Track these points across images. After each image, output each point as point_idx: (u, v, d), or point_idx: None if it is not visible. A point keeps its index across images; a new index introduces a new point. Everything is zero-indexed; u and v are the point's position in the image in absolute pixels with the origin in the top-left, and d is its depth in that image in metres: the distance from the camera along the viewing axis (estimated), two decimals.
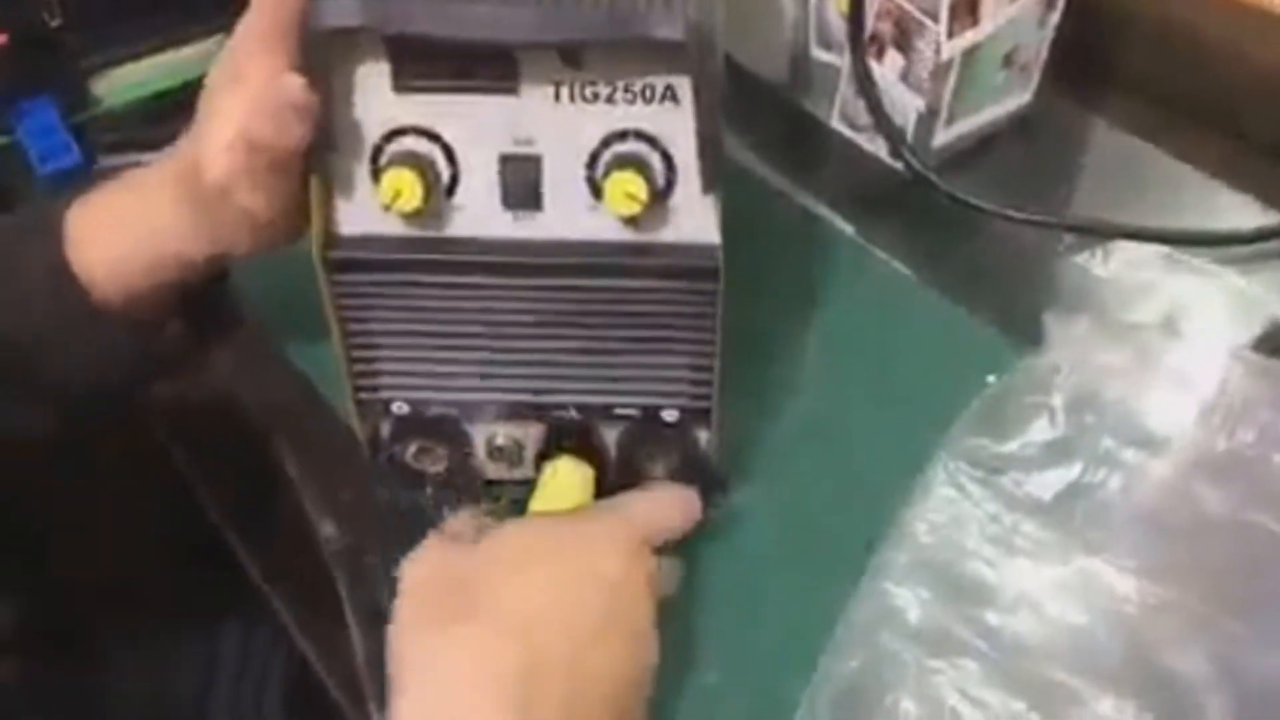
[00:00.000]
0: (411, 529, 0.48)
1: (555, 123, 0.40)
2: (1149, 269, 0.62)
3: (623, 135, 0.40)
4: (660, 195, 0.41)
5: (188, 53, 0.74)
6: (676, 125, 0.40)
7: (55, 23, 0.71)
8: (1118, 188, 0.67)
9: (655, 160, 0.40)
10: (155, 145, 0.61)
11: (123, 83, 0.73)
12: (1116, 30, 0.73)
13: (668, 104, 0.39)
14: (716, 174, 0.40)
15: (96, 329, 0.46)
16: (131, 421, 0.61)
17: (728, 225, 0.42)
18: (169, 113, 0.69)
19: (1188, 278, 0.61)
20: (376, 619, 0.45)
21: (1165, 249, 0.62)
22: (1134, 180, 0.68)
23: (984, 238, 0.64)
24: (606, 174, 0.40)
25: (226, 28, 0.65)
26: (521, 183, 0.41)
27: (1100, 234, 0.63)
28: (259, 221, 0.44)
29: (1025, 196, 0.64)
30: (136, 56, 0.73)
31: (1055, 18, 0.67)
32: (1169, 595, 0.46)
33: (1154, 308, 0.60)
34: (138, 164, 0.50)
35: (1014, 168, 0.68)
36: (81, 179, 0.68)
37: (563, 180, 0.41)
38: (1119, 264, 0.62)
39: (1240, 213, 0.65)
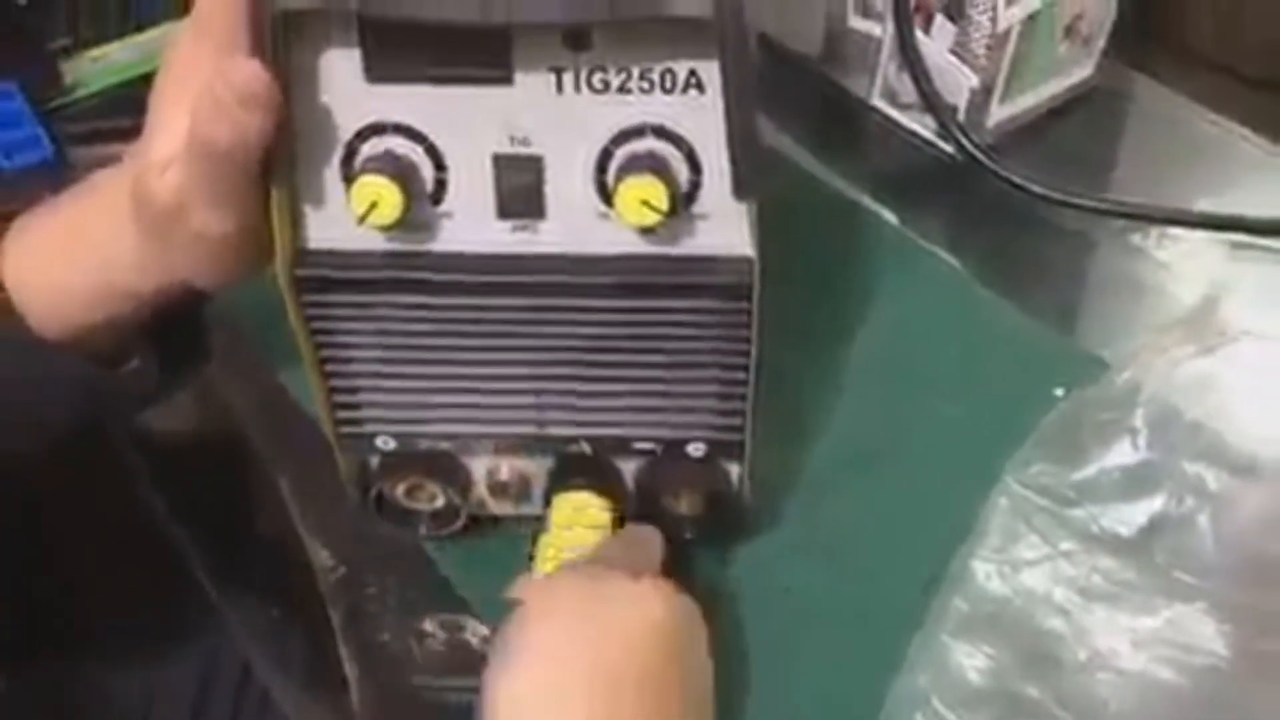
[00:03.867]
0: (409, 559, 0.48)
1: (558, 117, 0.37)
2: (1233, 262, 0.60)
3: (638, 132, 0.36)
4: (683, 202, 0.37)
5: (168, 31, 0.72)
6: (702, 119, 0.36)
7: (23, 1, 0.68)
8: (1192, 171, 0.65)
9: (677, 161, 0.37)
10: (134, 136, 0.60)
11: (97, 67, 0.71)
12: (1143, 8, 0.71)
13: (691, 94, 0.36)
14: (752, 178, 0.36)
15: (37, 364, 0.42)
16: (107, 439, 0.60)
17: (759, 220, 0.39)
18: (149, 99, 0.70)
19: (1264, 272, 0.59)
20: (370, 651, 0.46)
21: (1250, 238, 0.60)
22: (1211, 162, 0.65)
23: (1044, 228, 0.61)
24: (619, 178, 0.36)
25: None
26: (519, 188, 0.38)
27: (1175, 223, 0.61)
28: (219, 246, 0.39)
29: (1089, 181, 0.62)
30: (111, 38, 0.71)
31: None
32: (1272, 649, 0.43)
33: (1241, 309, 0.56)
34: (117, 158, 0.46)
35: (1076, 149, 0.66)
36: (53, 174, 0.66)
37: (568, 185, 0.38)
38: (1197, 257, 0.60)
39: None
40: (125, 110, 0.68)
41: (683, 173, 0.37)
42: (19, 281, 0.42)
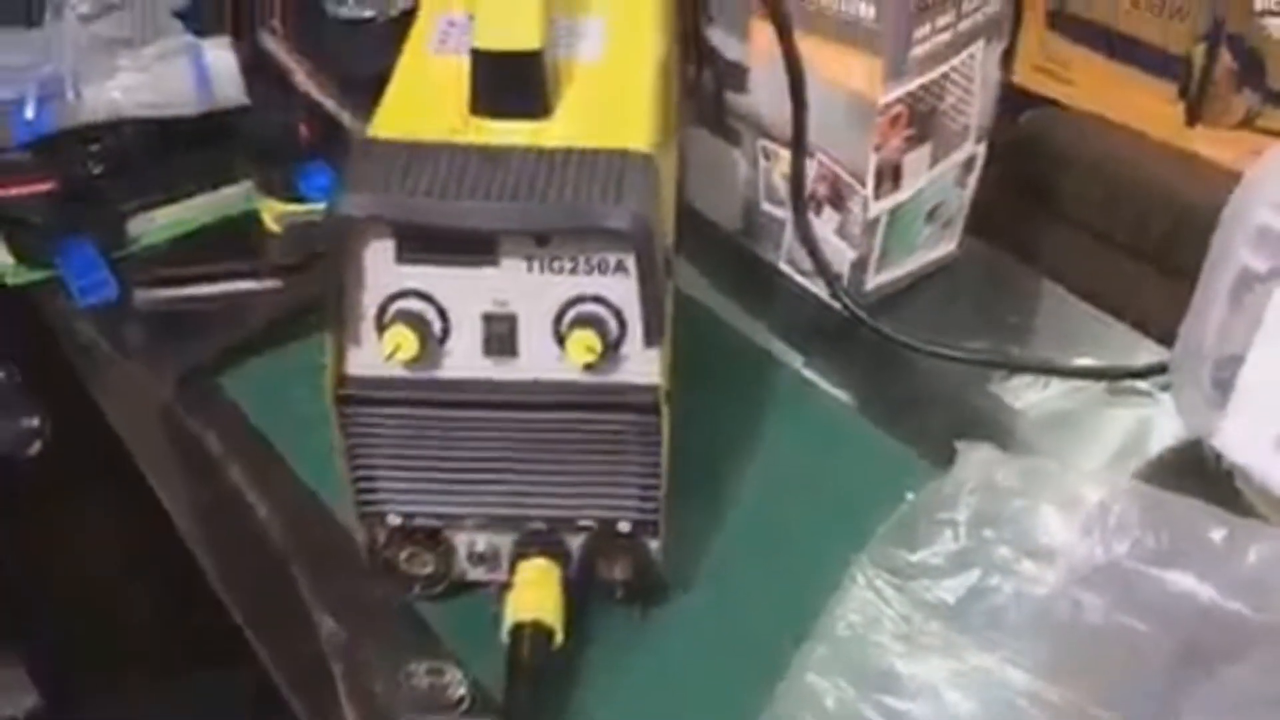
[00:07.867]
0: (401, 619, 0.54)
1: (528, 288, 0.45)
2: (1055, 401, 0.69)
3: (583, 299, 0.46)
4: (613, 346, 0.46)
5: (215, 197, 0.82)
6: (626, 291, 0.45)
7: (97, 171, 0.78)
8: (1033, 326, 0.73)
9: (609, 319, 0.46)
10: (186, 280, 0.70)
11: (157, 223, 0.79)
12: (1037, 182, 0.81)
13: (619, 274, 0.45)
14: (659, 330, 0.45)
15: None
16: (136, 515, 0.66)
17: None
18: (198, 250, 0.79)
19: (1087, 409, 0.68)
20: (370, 703, 0.51)
21: (1071, 382, 0.69)
22: (1047, 319, 0.74)
23: (911, 371, 0.69)
24: (569, 330, 0.45)
25: (249, 176, 0.72)
26: (500, 335, 0.46)
27: (1014, 369, 0.69)
28: None
29: (949, 334, 0.69)
30: (169, 200, 0.79)
31: (974, 179, 0.75)
32: (1054, 689, 0.50)
33: (1057, 435, 0.67)
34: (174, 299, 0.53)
35: (940, 308, 0.73)
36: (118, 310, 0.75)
37: (534, 333, 0.46)
38: (1030, 396, 0.68)
39: (1134, 349, 0.70)
40: (178, 258, 0.78)
41: (613, 327, 0.45)
42: None
